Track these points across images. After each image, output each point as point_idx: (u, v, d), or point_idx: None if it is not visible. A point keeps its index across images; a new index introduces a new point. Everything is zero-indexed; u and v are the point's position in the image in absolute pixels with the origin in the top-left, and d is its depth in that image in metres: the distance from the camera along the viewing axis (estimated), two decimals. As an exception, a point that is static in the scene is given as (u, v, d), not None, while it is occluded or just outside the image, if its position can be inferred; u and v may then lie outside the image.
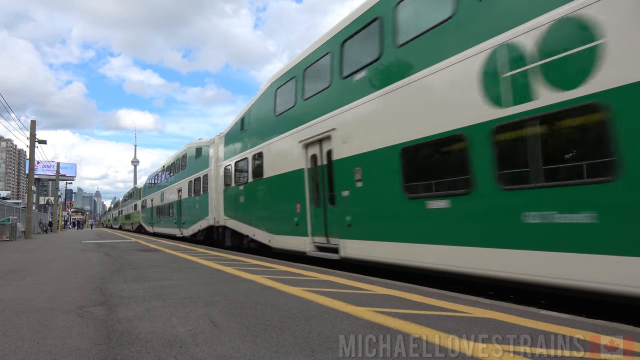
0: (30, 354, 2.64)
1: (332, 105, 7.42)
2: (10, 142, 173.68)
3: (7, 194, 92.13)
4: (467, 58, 4.83)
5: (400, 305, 3.88)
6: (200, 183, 15.94)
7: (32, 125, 25.02)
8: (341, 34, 7.38)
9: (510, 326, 3.07)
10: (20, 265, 8.14)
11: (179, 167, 20.00)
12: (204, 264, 7.74)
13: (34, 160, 26.22)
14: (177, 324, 3.28)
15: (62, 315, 3.66)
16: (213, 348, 2.65)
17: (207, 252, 11.02)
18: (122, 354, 2.58)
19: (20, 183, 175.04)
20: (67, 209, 75.33)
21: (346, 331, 2.95)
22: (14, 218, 21.92)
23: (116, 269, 7.14)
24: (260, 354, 2.53)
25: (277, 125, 9.53)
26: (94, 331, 3.12)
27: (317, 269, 6.90)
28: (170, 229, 21.13)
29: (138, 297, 4.43)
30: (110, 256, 9.94)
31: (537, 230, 4.00)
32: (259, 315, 3.53)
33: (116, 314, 3.68)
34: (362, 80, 6.71)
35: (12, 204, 31.85)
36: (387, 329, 3.00)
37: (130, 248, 13.01)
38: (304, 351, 2.58)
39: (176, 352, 2.59)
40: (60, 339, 2.92)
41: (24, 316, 3.66)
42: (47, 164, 59.32)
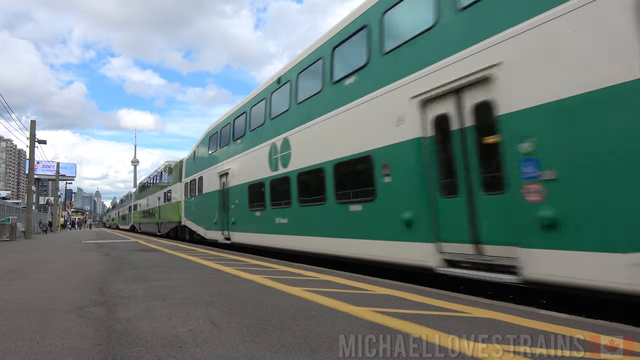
0: (30, 354, 2.64)
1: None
2: (10, 142, 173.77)
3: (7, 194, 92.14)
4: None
5: (400, 305, 3.88)
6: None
7: (32, 125, 25.02)
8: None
9: (510, 326, 3.07)
10: (20, 265, 8.13)
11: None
12: (203, 264, 7.73)
13: (33, 160, 26.21)
14: (177, 324, 3.28)
15: (62, 315, 3.66)
16: (213, 348, 2.65)
17: (206, 252, 11.02)
18: (122, 354, 2.58)
19: (20, 183, 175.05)
20: (67, 209, 75.32)
21: (346, 331, 2.95)
22: (13, 218, 21.92)
23: (116, 269, 7.14)
24: (260, 354, 2.53)
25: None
26: (94, 331, 3.12)
27: (317, 269, 6.90)
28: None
29: (138, 297, 4.43)
30: (110, 256, 9.94)
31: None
32: (259, 315, 3.53)
33: (116, 314, 3.68)
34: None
35: (12, 204, 31.86)
36: (387, 329, 3.00)
37: (130, 248, 13.01)
38: (304, 351, 2.58)
39: (176, 352, 2.59)
40: (60, 339, 2.92)
41: (24, 316, 3.66)
42: (47, 164, 59.31)
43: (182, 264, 7.88)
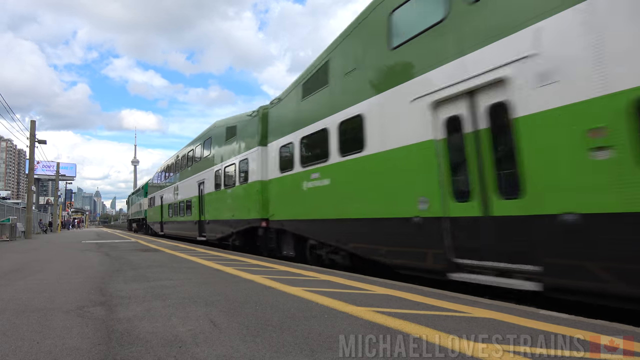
0: (30, 354, 2.64)
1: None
2: (10, 142, 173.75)
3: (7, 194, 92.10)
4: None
5: (400, 305, 3.88)
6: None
7: (32, 125, 25.02)
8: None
9: (510, 326, 3.07)
10: (20, 265, 8.13)
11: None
12: (203, 264, 7.73)
13: (33, 160, 26.21)
14: (177, 324, 3.28)
15: (62, 315, 3.66)
16: (213, 348, 2.65)
17: (206, 252, 11.02)
18: (122, 354, 2.58)
19: (20, 183, 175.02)
20: (67, 209, 75.32)
21: (346, 331, 2.95)
22: (13, 218, 21.91)
23: (116, 269, 7.14)
24: (260, 354, 2.53)
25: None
26: (94, 331, 3.12)
27: (317, 269, 6.91)
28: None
29: (138, 297, 4.43)
30: (110, 256, 9.94)
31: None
32: (259, 315, 3.53)
33: (116, 314, 3.68)
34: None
35: (12, 204, 31.86)
36: (387, 329, 3.00)
37: (130, 248, 13.00)
38: (304, 351, 2.58)
39: (176, 352, 2.59)
40: (60, 339, 2.92)
41: (24, 316, 3.66)
42: (47, 164, 59.33)
43: (182, 264, 7.87)
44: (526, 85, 4.08)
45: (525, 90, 4.09)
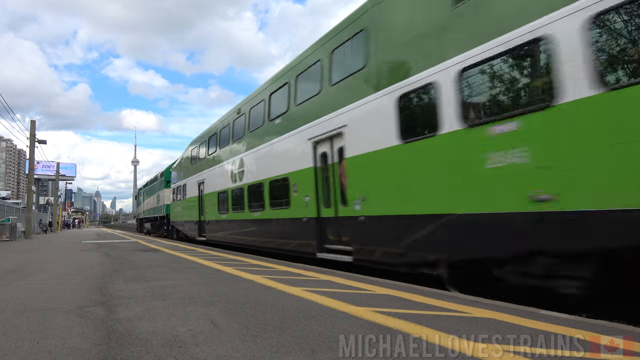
0: (30, 354, 2.64)
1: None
2: (10, 142, 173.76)
3: (7, 194, 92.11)
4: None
5: (400, 305, 3.88)
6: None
7: (31, 125, 25.02)
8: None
9: (510, 326, 3.07)
10: (20, 266, 8.13)
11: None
12: (203, 264, 7.74)
13: (33, 160, 26.22)
14: (177, 324, 3.28)
15: (62, 315, 3.66)
16: (213, 348, 2.65)
17: (206, 252, 11.03)
18: (122, 354, 2.58)
19: (20, 183, 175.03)
20: (67, 209, 75.31)
21: (346, 331, 2.95)
22: (13, 218, 21.92)
23: (116, 269, 7.14)
24: (260, 354, 2.53)
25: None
26: (94, 331, 3.12)
27: (317, 269, 6.91)
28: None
29: (138, 297, 4.43)
30: (110, 256, 9.94)
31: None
32: (259, 315, 3.53)
33: (116, 314, 3.68)
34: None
35: (12, 204, 31.89)
36: (387, 329, 3.00)
37: (130, 248, 13.01)
38: (304, 351, 2.58)
39: (176, 352, 2.59)
40: (60, 339, 2.92)
41: (24, 316, 3.66)
42: (47, 164, 59.33)
43: (182, 264, 7.88)
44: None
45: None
